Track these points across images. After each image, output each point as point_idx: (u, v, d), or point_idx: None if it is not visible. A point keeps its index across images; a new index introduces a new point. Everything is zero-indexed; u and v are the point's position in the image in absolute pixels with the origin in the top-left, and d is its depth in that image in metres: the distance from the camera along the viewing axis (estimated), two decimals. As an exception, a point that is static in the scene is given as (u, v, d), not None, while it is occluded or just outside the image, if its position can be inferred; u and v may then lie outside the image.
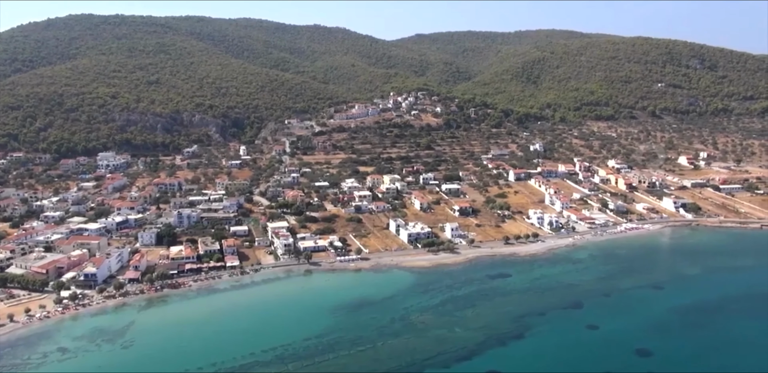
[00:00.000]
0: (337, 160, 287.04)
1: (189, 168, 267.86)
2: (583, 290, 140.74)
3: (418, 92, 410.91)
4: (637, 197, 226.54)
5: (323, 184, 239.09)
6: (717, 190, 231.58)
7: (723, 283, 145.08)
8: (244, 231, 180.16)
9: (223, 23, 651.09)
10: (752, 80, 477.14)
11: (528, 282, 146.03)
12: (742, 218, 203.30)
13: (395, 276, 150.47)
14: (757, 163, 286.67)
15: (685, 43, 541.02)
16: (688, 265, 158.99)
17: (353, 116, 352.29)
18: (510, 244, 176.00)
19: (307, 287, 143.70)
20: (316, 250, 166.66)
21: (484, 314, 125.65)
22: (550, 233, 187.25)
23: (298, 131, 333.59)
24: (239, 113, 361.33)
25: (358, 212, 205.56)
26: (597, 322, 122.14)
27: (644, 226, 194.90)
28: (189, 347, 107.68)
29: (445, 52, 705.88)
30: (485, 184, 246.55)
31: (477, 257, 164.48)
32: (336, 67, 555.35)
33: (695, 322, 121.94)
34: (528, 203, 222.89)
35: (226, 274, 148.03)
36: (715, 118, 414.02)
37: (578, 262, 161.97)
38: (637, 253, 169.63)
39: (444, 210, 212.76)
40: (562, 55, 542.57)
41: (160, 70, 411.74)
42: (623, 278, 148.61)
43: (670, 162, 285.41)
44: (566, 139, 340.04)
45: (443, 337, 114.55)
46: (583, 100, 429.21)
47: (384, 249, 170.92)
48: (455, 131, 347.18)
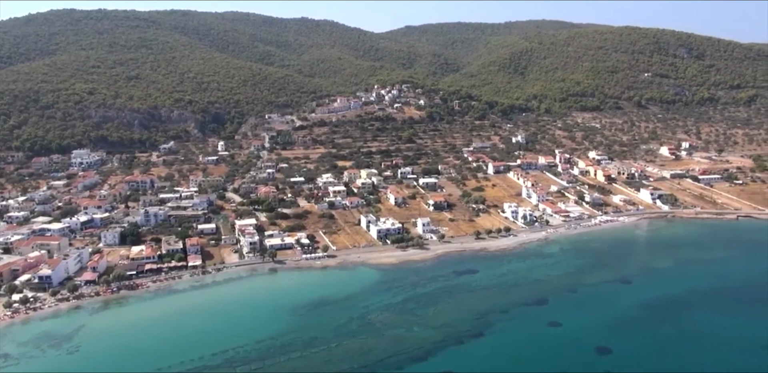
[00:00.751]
0: (317, 155, 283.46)
1: (164, 165, 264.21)
2: (550, 285, 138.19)
3: (402, 85, 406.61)
4: (615, 189, 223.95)
5: (299, 179, 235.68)
6: (696, 180, 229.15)
7: (692, 276, 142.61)
8: (212, 229, 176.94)
9: (209, 17, 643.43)
10: (739, 69, 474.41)
11: (495, 278, 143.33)
12: (719, 208, 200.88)
13: (360, 274, 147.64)
14: (739, 152, 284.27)
15: (673, 32, 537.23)
16: (659, 258, 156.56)
17: (335, 110, 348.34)
18: (481, 239, 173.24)
19: (268, 286, 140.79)
20: (282, 247, 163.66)
21: (445, 312, 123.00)
22: (523, 227, 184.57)
23: (279, 126, 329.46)
24: (220, 108, 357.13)
25: (331, 207, 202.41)
26: (560, 319, 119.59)
27: (619, 218, 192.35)
28: (136, 351, 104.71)
29: (434, 43, 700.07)
30: (464, 177, 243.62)
31: (446, 253, 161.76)
32: (322, 60, 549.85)
33: (659, 318, 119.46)
34: (505, 196, 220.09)
35: (187, 274, 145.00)
36: (701, 108, 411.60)
37: (548, 256, 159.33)
38: (609, 246, 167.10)
39: (419, 205, 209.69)
40: (549, 46, 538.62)
41: (141, 65, 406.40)
42: (592, 272, 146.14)
43: (652, 153, 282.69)
44: (549, 131, 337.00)
45: (400, 336, 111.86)
46: (569, 91, 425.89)
47: (352, 246, 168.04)
48: (438, 124, 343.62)
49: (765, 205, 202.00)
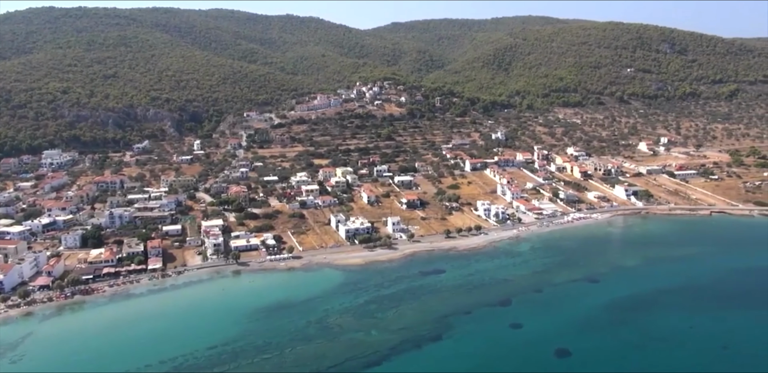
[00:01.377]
0: (294, 154, 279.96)
1: (137, 165, 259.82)
2: (516, 285, 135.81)
3: (384, 82, 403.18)
4: (590, 185, 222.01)
5: (272, 178, 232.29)
6: (672, 176, 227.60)
7: (660, 274, 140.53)
8: (177, 230, 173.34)
9: (192, 15, 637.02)
10: (721, 64, 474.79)
11: (461, 278, 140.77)
12: (693, 204, 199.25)
13: (324, 275, 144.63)
14: (717, 147, 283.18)
15: (656, 27, 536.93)
16: (629, 256, 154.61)
17: (315, 108, 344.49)
18: (451, 237, 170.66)
19: (228, 289, 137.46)
20: (248, 249, 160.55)
21: (406, 315, 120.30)
22: (495, 225, 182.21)
23: (257, 124, 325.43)
24: (198, 107, 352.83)
25: (303, 207, 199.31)
26: (522, 320, 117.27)
27: (592, 215, 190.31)
28: (80, 360, 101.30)
29: (420, 40, 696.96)
30: (440, 175, 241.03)
31: (414, 253, 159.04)
32: (306, 57, 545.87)
33: (623, 318, 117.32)
34: (480, 193, 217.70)
35: (146, 277, 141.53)
36: (682, 103, 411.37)
37: (518, 255, 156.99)
38: (579, 244, 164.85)
39: (392, 203, 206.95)
40: (533, 42, 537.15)
41: (119, 63, 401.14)
42: (560, 271, 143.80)
43: (630, 148, 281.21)
44: (530, 127, 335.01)
45: (357, 341, 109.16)
46: (551, 87, 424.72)
47: (319, 246, 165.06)
48: (418, 121, 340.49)
49: (739, 200, 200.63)
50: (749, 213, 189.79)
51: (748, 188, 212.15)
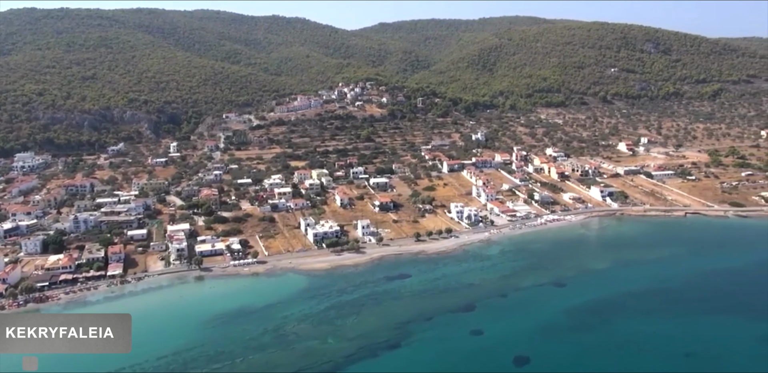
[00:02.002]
0: (271, 155, 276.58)
1: (111, 167, 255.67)
2: (481, 290, 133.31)
3: (366, 82, 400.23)
4: (567, 187, 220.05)
5: (246, 181, 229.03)
6: (649, 177, 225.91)
7: (628, 278, 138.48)
8: (142, 235, 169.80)
9: (177, 15, 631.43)
10: (705, 63, 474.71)
11: (426, 283, 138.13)
12: (668, 205, 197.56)
13: (287, 281, 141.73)
14: (697, 147, 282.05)
15: (641, 27, 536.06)
16: (599, 258, 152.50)
17: (294, 109, 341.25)
18: (421, 241, 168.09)
19: (187, 296, 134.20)
20: (212, 254, 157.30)
21: (366, 321, 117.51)
22: (467, 227, 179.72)
23: (236, 125, 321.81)
24: (177, 108, 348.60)
25: (274, 210, 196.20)
26: (484, 326, 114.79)
27: (566, 217, 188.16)
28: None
29: (407, 41, 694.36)
30: (417, 176, 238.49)
31: (382, 257, 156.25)
32: (290, 58, 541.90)
33: (586, 323, 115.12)
34: (455, 195, 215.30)
35: (105, 284, 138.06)
36: (665, 103, 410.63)
37: (486, 259, 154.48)
38: (550, 247, 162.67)
39: (366, 206, 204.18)
40: (519, 42, 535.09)
41: (99, 64, 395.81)
42: (527, 275, 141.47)
43: (610, 148, 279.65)
44: (511, 128, 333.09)
45: (312, 349, 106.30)
46: (535, 87, 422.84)
47: (286, 251, 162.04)
48: (399, 122, 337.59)
49: (715, 201, 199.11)
50: (724, 214, 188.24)
51: (724, 188, 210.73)
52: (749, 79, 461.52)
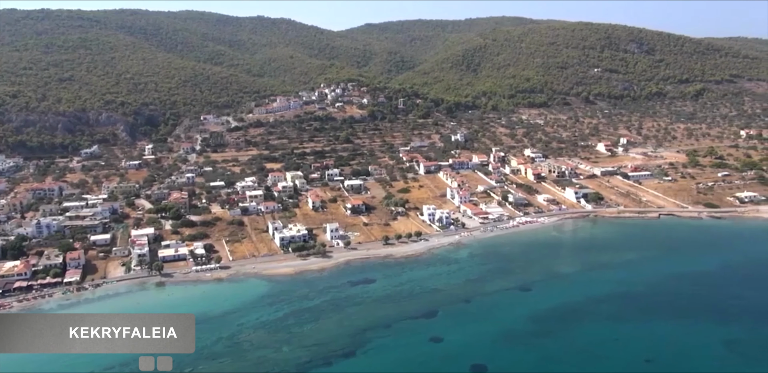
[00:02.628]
0: (247, 157, 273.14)
1: (83, 170, 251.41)
2: (445, 295, 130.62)
3: (348, 83, 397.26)
4: (542, 188, 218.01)
5: (218, 184, 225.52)
6: (626, 177, 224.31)
7: (596, 282, 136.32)
8: (106, 240, 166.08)
9: (160, 16, 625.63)
10: (688, 63, 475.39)
11: (390, 288, 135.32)
12: (643, 207, 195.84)
13: (249, 287, 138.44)
14: (676, 147, 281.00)
15: (625, 27, 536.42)
16: (568, 262, 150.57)
17: (273, 110, 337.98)
18: (390, 244, 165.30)
19: (144, 303, 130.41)
20: (175, 259, 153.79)
21: (324, 329, 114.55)
22: (438, 230, 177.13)
23: (213, 127, 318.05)
24: (154, 110, 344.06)
25: (244, 213, 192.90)
26: (444, 333, 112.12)
27: (539, 219, 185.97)
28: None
29: (393, 41, 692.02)
30: (392, 178, 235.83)
31: (349, 261, 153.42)
32: (274, 59, 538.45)
33: (548, 329, 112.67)
34: (429, 197, 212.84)
35: (60, 291, 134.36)
36: (648, 103, 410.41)
37: (454, 262, 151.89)
38: (519, 250, 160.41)
39: (338, 209, 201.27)
40: (503, 42, 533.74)
41: (77, 66, 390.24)
42: (494, 279, 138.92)
43: (589, 149, 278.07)
44: (492, 128, 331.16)
45: (265, 358, 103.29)
46: (518, 87, 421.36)
47: (251, 255, 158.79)
48: (379, 123, 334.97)
49: (690, 202, 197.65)
50: (698, 215, 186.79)
51: (700, 189, 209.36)
52: (732, 78, 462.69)
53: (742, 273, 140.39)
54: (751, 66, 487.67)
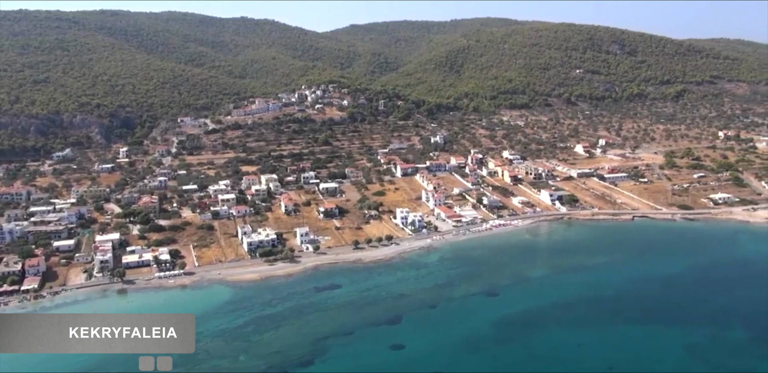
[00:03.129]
0: (223, 160, 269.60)
1: (54, 174, 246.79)
2: (411, 301, 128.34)
3: (328, 85, 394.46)
4: (518, 190, 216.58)
5: (191, 187, 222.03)
6: (602, 179, 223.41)
7: (564, 286, 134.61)
8: (69, 246, 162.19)
9: (142, 17, 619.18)
10: (669, 64, 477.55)
11: (356, 294, 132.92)
12: (617, 209, 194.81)
13: (212, 293, 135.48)
14: (654, 149, 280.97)
15: (607, 28, 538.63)
16: (538, 265, 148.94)
17: (252, 112, 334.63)
18: (360, 249, 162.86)
19: (101, 311, 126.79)
20: (139, 265, 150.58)
21: (284, 337, 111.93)
22: (410, 234, 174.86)
23: (191, 130, 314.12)
24: (131, 112, 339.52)
25: (215, 217, 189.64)
26: (406, 340, 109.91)
27: (513, 222, 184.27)
28: None
29: (377, 42, 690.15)
30: (368, 181, 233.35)
31: (317, 266, 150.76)
32: (256, 60, 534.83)
33: (512, 335, 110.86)
34: (404, 200, 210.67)
35: (17, 299, 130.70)
36: (629, 104, 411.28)
37: (424, 267, 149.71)
38: (490, 253, 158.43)
39: (311, 212, 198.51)
40: (486, 44, 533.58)
41: (53, 67, 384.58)
42: (462, 284, 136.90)
43: (567, 150, 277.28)
44: (472, 130, 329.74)
45: (219, 368, 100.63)
46: (500, 89, 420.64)
47: (218, 261, 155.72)
48: (359, 125, 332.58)
49: (664, 204, 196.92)
50: (671, 217, 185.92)
51: (675, 190, 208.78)
52: (712, 80, 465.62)
53: (710, 276, 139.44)
54: (731, 67, 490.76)
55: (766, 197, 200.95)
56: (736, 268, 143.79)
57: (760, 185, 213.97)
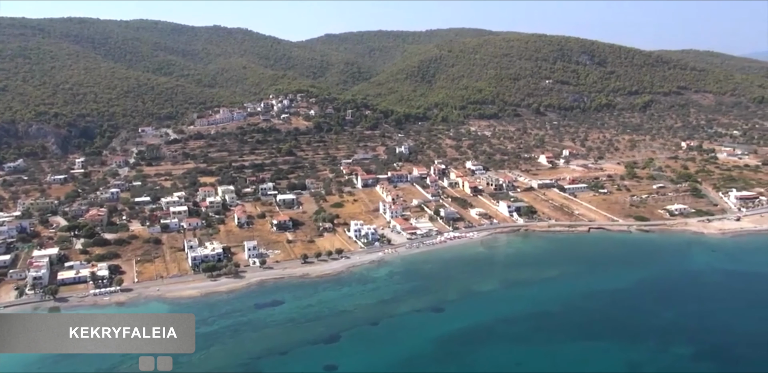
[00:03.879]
0: (182, 171, 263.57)
1: (3, 186, 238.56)
2: (353, 317, 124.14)
3: (296, 94, 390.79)
4: (477, 202, 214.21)
5: (144, 199, 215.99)
6: (562, 190, 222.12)
7: (511, 300, 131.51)
8: (5, 262, 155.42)
9: (111, 25, 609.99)
10: (638, 75, 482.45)
11: (298, 311, 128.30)
12: (574, 220, 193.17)
13: (147, 311, 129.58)
14: (617, 159, 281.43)
15: (577, 39, 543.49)
16: (487, 279, 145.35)
17: (216, 122, 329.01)
18: (309, 263, 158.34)
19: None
20: (76, 281, 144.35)
21: (214, 358, 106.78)
22: (362, 247, 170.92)
23: (151, 140, 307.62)
24: (91, 121, 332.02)
25: (165, 230, 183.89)
26: (341, 360, 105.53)
27: (468, 234, 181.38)
28: None
29: (352, 52, 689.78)
30: (327, 192, 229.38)
31: (261, 281, 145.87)
32: (227, 69, 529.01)
33: (452, 353, 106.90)
34: (362, 212, 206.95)
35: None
36: (597, 114, 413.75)
37: (371, 282, 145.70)
38: (441, 267, 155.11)
39: (265, 225, 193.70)
40: (458, 54, 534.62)
41: (12, 76, 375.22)
42: (407, 299, 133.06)
43: (531, 161, 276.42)
44: (438, 140, 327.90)
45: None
46: (470, 99, 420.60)
47: (159, 276, 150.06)
48: (325, 135, 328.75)
49: (621, 215, 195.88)
50: (627, 229, 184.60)
51: (633, 201, 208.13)
52: (679, 90, 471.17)
53: (657, 289, 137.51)
54: (698, 78, 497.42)
55: (721, 208, 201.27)
56: (685, 281, 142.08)
57: (717, 196, 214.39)
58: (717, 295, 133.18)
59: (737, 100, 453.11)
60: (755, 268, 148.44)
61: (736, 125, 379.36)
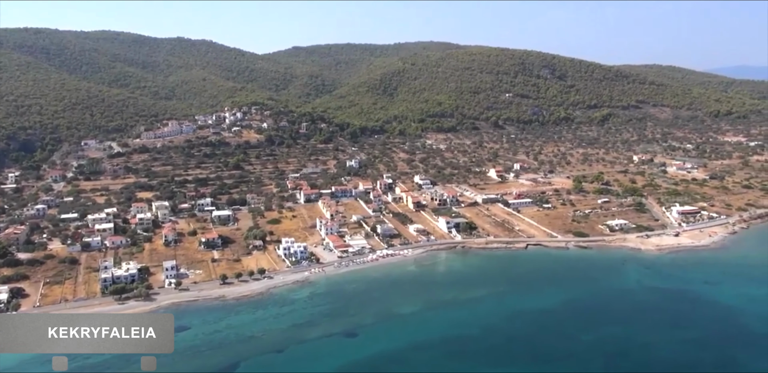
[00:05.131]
0: (120, 186, 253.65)
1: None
2: (259, 344, 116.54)
3: (251, 106, 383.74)
4: (419, 217, 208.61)
5: (70, 216, 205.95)
6: (507, 205, 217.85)
7: (430, 323, 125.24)
8: None
9: (69, 36, 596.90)
10: (597, 89, 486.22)
11: (202, 337, 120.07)
12: (513, 236, 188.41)
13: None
14: (568, 173, 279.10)
15: (539, 53, 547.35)
16: (410, 300, 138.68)
17: (163, 135, 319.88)
18: (228, 284, 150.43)
19: None
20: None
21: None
22: (288, 266, 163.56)
23: (94, 153, 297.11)
24: (32, 134, 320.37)
25: (85, 249, 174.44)
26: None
27: (402, 251, 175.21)
28: None
29: (317, 64, 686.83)
30: (267, 208, 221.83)
31: (172, 304, 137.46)
32: (187, 81, 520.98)
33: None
34: (298, 229, 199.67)
35: None
36: (556, 127, 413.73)
37: (290, 303, 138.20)
38: (366, 287, 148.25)
39: (193, 243, 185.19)
40: (421, 67, 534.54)
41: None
42: (322, 323, 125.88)
43: (481, 175, 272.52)
44: (392, 154, 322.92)
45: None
46: (429, 112, 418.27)
47: (63, 300, 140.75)
48: (276, 148, 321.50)
49: (562, 230, 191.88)
50: (565, 245, 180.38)
51: (575, 217, 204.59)
52: (638, 104, 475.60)
53: (582, 310, 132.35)
54: (656, 92, 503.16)
55: (662, 223, 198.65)
56: (612, 301, 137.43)
57: (660, 211, 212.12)
58: (642, 315, 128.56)
59: (693, 114, 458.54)
60: (684, 286, 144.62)
61: (690, 139, 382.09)
